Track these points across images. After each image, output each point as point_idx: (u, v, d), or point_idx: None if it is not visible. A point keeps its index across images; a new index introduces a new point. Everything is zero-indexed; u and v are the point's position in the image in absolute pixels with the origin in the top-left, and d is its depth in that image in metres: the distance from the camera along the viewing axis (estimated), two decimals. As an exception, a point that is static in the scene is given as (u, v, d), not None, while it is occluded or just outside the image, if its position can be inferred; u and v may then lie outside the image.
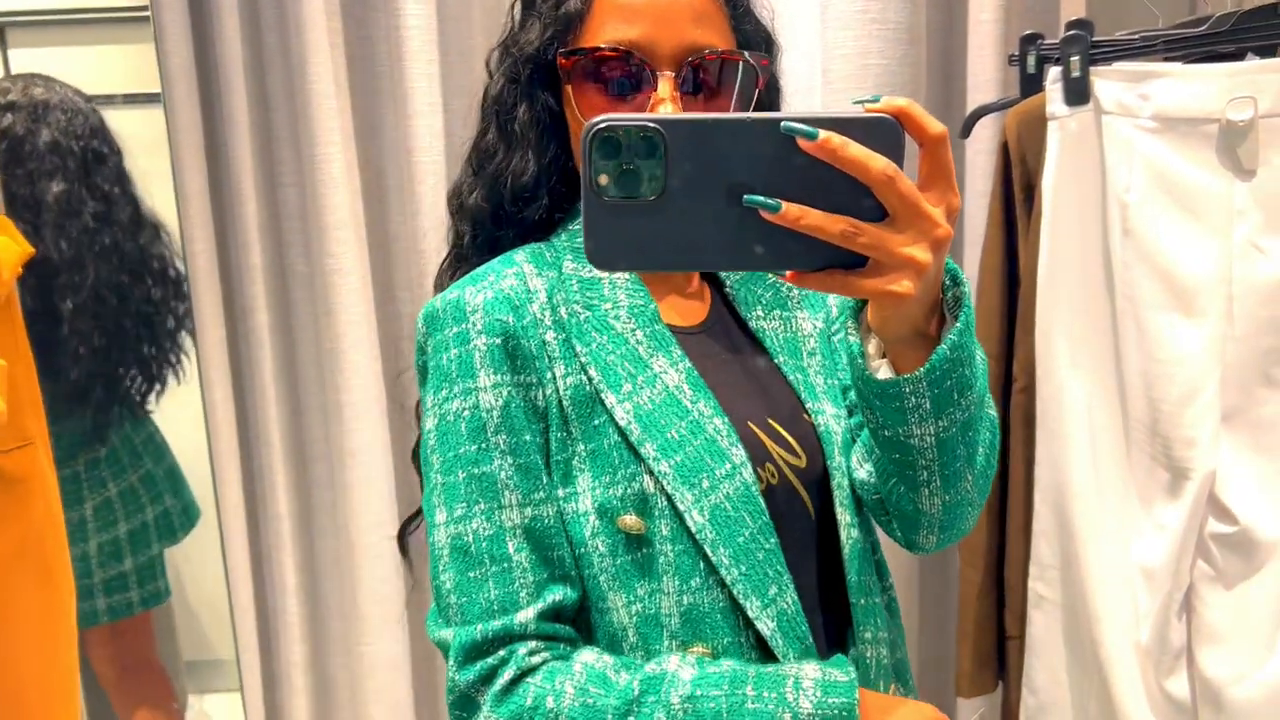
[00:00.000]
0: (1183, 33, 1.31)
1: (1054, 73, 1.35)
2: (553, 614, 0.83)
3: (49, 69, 2.09)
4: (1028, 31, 1.45)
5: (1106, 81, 1.32)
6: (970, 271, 1.74)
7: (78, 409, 2.07)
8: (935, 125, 0.64)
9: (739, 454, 0.84)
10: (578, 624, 0.86)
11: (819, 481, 0.89)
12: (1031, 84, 1.43)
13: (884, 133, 0.63)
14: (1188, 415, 1.31)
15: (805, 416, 0.90)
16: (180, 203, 1.74)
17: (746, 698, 0.77)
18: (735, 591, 0.82)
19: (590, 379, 0.85)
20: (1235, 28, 1.27)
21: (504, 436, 0.84)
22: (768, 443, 0.88)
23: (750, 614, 0.82)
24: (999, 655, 1.59)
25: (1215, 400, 1.30)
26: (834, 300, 0.99)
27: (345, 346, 1.78)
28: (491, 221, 0.94)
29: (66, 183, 1.99)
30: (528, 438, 0.84)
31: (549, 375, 0.86)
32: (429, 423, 0.87)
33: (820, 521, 0.90)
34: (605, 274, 0.89)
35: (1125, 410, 1.36)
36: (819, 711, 0.76)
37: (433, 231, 1.77)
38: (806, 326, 0.96)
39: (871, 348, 0.76)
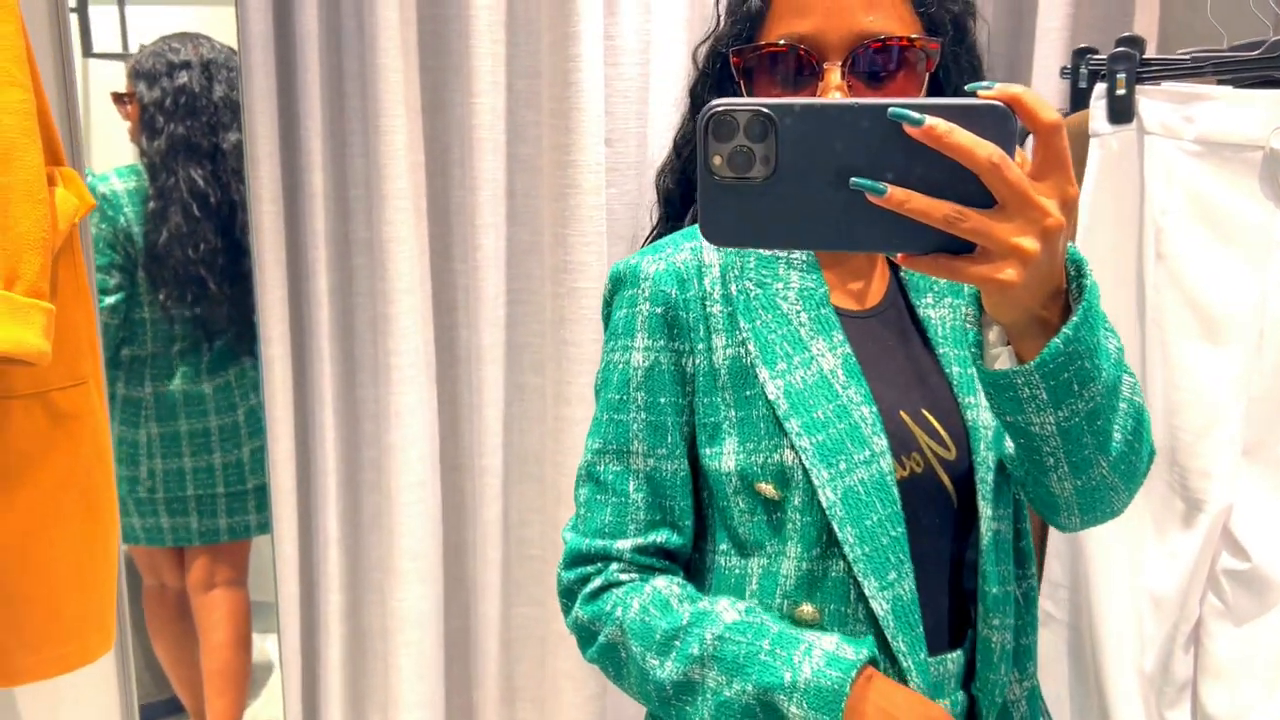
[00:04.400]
0: (1235, 56, 1.28)
1: (1098, 89, 1.33)
2: (654, 550, 0.96)
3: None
4: (1082, 45, 1.43)
5: (1152, 101, 1.30)
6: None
7: (235, 326, 2.37)
8: (1049, 113, 0.64)
9: (880, 443, 0.88)
10: (697, 569, 0.99)
11: (965, 473, 0.92)
12: (1082, 98, 1.41)
13: (994, 119, 0.63)
14: (1206, 446, 1.29)
15: (958, 410, 0.92)
16: (250, 165, 1.82)
17: (762, 649, 0.85)
18: (856, 569, 0.87)
19: (748, 352, 0.92)
20: (1288, 53, 1.23)
21: (643, 394, 0.95)
22: (918, 433, 0.91)
23: (867, 592, 0.87)
24: (1008, 669, 1.59)
25: (1237, 433, 1.27)
26: None
27: (397, 312, 1.85)
28: (682, 201, 1.03)
29: (239, 133, 2.23)
30: (663, 400, 0.95)
31: (707, 344, 0.94)
32: (601, 364, 0.99)
33: (963, 509, 0.93)
34: (764, 252, 0.95)
35: (1146, 436, 1.34)
36: (815, 679, 0.82)
37: (488, 206, 1.83)
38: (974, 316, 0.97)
39: (993, 335, 0.77)
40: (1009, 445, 0.91)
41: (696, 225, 0.97)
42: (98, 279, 2.23)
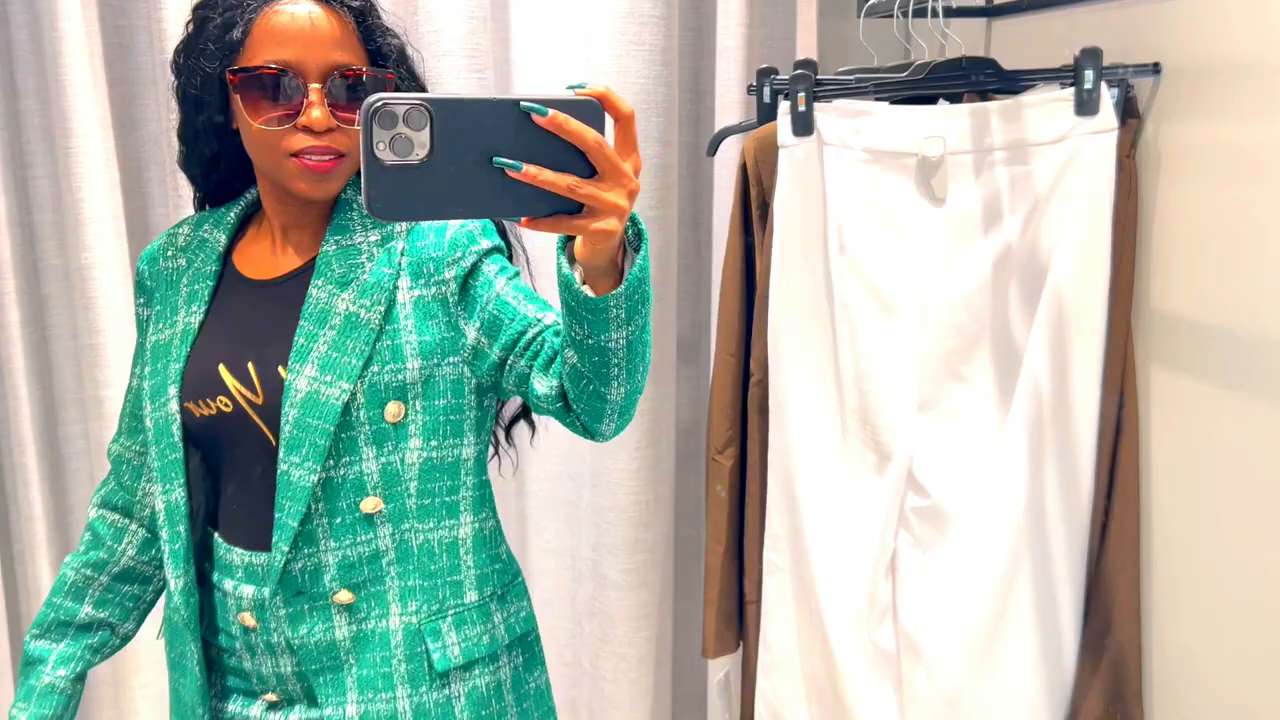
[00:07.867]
0: (889, 77, 1.52)
1: (784, 106, 1.53)
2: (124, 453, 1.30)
3: None
4: (763, 65, 1.62)
5: (827, 116, 1.51)
6: (716, 275, 1.92)
7: None
8: (626, 107, 0.84)
9: (173, 391, 1.17)
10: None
11: (274, 419, 1.14)
12: (768, 112, 1.60)
13: (591, 111, 0.82)
14: (890, 405, 1.52)
15: (282, 370, 1.14)
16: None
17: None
18: (154, 478, 1.18)
19: (149, 314, 1.24)
20: (929, 76, 1.48)
21: (138, 335, 1.28)
22: (230, 380, 1.15)
23: (157, 494, 1.18)
24: (740, 618, 1.78)
25: (912, 393, 1.52)
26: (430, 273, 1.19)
27: (106, 341, 1.75)
28: (196, 186, 1.27)
29: None
30: (140, 340, 1.27)
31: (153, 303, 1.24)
32: None
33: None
34: (224, 237, 1.21)
35: (842, 401, 1.57)
36: None
37: (198, 226, 1.77)
38: (343, 307, 1.15)
39: (578, 275, 0.95)
40: (542, 386, 1.08)
41: (197, 215, 1.25)
42: None
